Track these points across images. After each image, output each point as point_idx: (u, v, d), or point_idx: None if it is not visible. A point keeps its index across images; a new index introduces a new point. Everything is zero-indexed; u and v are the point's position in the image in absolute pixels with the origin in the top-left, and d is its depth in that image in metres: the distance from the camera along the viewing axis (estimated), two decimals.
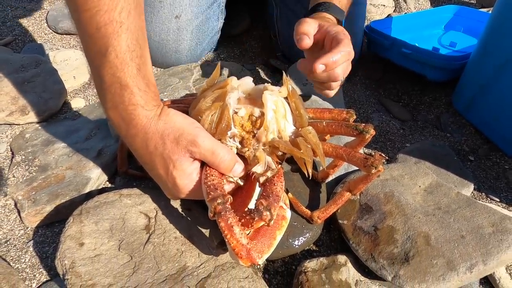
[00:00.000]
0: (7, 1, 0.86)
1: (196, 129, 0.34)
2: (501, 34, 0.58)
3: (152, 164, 0.36)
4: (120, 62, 0.33)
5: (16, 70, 0.62)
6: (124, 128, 0.35)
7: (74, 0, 0.32)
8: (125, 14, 0.33)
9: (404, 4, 1.10)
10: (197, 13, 0.67)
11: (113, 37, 0.32)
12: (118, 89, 0.34)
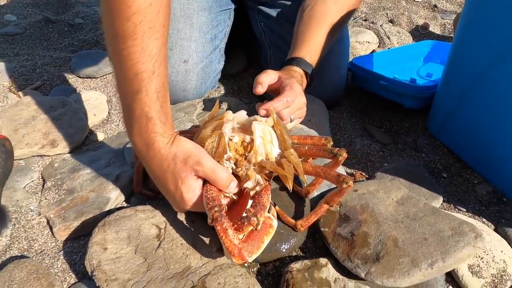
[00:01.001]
0: (36, 51, 0.99)
1: (200, 152, 0.43)
2: (460, 64, 0.67)
3: (165, 181, 0.45)
4: (149, 100, 0.43)
5: (47, 110, 0.73)
6: (145, 151, 0.45)
7: (120, 50, 0.43)
8: (158, 64, 0.43)
9: (388, 40, 1.21)
10: (201, 58, 0.78)
11: (146, 81, 0.43)
12: (144, 120, 0.43)
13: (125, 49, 0.43)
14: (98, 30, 1.11)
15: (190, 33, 0.76)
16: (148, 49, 0.43)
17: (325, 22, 0.71)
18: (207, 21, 0.79)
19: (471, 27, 0.63)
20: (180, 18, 0.76)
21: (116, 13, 0.43)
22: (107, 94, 0.85)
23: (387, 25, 1.28)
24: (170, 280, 0.43)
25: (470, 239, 0.49)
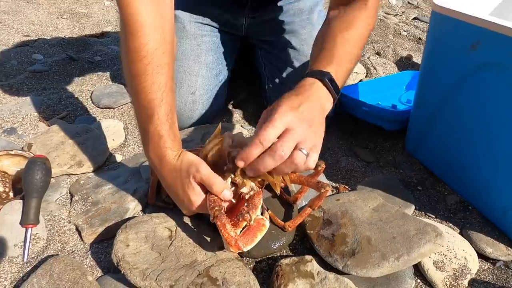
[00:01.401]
0: (61, 85, 1.12)
1: (200, 162, 0.54)
2: (426, 91, 0.78)
3: (175, 187, 0.55)
4: (160, 122, 0.54)
5: (73, 136, 0.85)
6: (158, 163, 0.55)
7: (135, 85, 0.55)
8: (165, 94, 0.55)
9: (374, 70, 1.34)
10: (207, 90, 0.90)
11: (157, 107, 0.54)
12: (157, 138, 0.55)
13: (139, 84, 0.55)
14: (114, 67, 1.25)
15: (198, 69, 0.89)
16: (156, 82, 0.55)
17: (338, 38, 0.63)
18: (214, 59, 0.92)
19: (432, 60, 0.75)
20: (190, 56, 0.89)
21: (131, 57, 0.55)
22: (124, 122, 0.97)
23: (374, 57, 1.41)
24: (180, 270, 0.52)
25: (432, 237, 0.58)
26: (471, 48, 0.61)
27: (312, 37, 0.95)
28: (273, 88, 0.99)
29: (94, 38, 1.49)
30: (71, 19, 1.69)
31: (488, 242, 0.65)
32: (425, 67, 0.76)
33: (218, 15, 0.96)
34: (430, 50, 0.73)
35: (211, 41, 0.94)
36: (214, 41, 0.95)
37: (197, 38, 0.93)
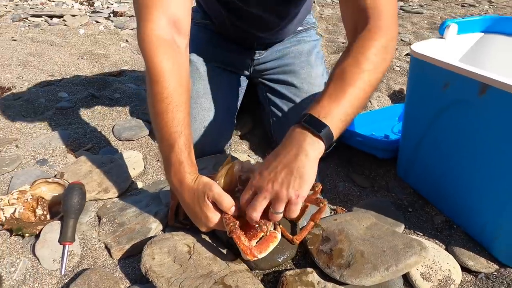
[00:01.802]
0: (85, 120, 1.24)
1: (213, 183, 0.63)
2: (410, 123, 0.89)
3: (193, 206, 0.65)
4: (180, 151, 0.65)
5: (99, 165, 0.95)
6: (179, 186, 0.65)
7: (159, 121, 0.66)
8: (183, 127, 0.66)
9: (369, 103, 1.45)
10: (217, 123, 1.01)
11: (178, 138, 0.65)
12: (177, 164, 0.65)
13: (162, 120, 0.67)
14: (132, 103, 1.38)
15: (209, 105, 1.01)
16: (176, 118, 0.67)
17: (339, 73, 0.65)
18: (223, 96, 1.04)
19: (414, 97, 0.86)
20: (202, 94, 1.01)
21: (155, 99, 0.68)
22: (142, 153, 1.08)
23: None
24: (199, 279, 0.61)
25: (417, 250, 0.66)
26: (443, 88, 0.72)
27: (310, 76, 1.08)
28: (277, 122, 1.10)
29: (112, 77, 1.64)
30: (91, 59, 1.85)
31: (470, 256, 0.73)
32: (408, 102, 0.87)
33: (227, 58, 1.09)
34: (411, 88, 0.85)
35: (221, 80, 1.07)
36: (223, 80, 1.07)
37: (208, 78, 1.05)
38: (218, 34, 1.09)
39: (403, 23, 2.71)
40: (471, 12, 3.13)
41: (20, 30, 2.21)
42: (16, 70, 1.65)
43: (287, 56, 1.10)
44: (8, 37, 2.08)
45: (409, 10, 3.05)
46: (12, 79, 1.54)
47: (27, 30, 2.22)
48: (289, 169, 0.58)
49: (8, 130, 1.16)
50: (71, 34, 2.18)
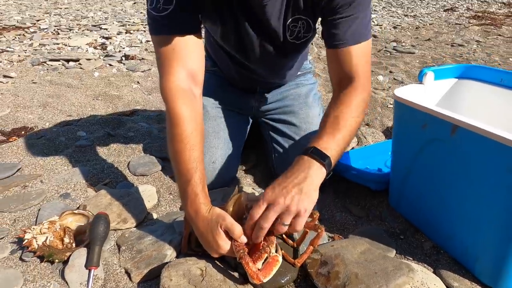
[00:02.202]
0: (102, 157, 1.35)
1: (226, 214, 0.73)
2: (398, 155, 0.99)
3: (206, 234, 0.74)
4: (196, 184, 0.75)
5: (117, 198, 1.05)
6: (194, 216, 0.75)
7: (178, 159, 0.78)
8: (198, 163, 0.77)
9: (365, 139, 1.56)
10: (225, 160, 1.12)
11: (193, 174, 0.75)
12: (193, 196, 0.75)
13: (180, 157, 0.78)
14: (145, 141, 1.49)
15: (217, 144, 1.12)
16: (192, 156, 0.78)
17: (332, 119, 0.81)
18: (230, 135, 1.16)
19: (399, 134, 0.97)
20: (211, 134, 1.13)
21: (174, 139, 0.79)
22: (156, 187, 1.17)
23: (364, 128, 1.65)
24: None
25: (405, 271, 0.74)
26: (422, 127, 0.83)
27: (308, 116, 1.20)
28: (278, 157, 1.20)
29: (126, 116, 1.77)
30: (105, 100, 1.99)
31: (455, 278, 0.81)
32: (395, 139, 0.98)
33: (234, 101, 1.22)
34: (396, 127, 0.96)
35: (228, 121, 1.19)
36: (230, 121, 1.19)
37: (217, 119, 1.17)
38: (225, 80, 1.23)
39: (395, 63, 2.88)
40: (460, 51, 3.32)
41: (39, 73, 2.38)
42: (37, 111, 1.79)
43: (287, 98, 1.22)
44: (28, 80, 2.24)
45: (401, 50, 3.25)
46: (34, 120, 1.67)
47: (45, 73, 2.39)
48: (299, 188, 0.70)
49: (33, 167, 1.27)
50: (86, 76, 2.34)
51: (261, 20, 0.91)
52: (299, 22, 0.93)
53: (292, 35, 0.96)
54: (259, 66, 1.06)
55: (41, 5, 4.93)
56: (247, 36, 0.96)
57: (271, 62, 1.06)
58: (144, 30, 3.74)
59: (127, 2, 5.46)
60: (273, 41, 0.97)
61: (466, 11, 6.03)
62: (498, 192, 0.69)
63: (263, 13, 0.89)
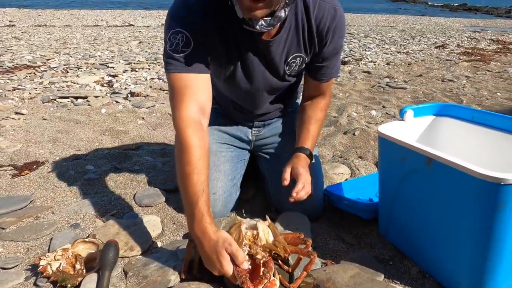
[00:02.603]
0: (109, 190, 1.43)
1: (232, 240, 0.80)
2: (384, 185, 1.07)
3: (210, 254, 0.81)
4: (202, 206, 0.83)
5: (124, 228, 1.12)
6: (201, 236, 0.82)
7: (186, 183, 0.87)
8: (204, 186, 0.86)
9: (357, 171, 1.65)
10: (224, 191, 1.21)
11: (200, 196, 0.84)
12: (200, 216, 0.83)
13: (188, 181, 0.86)
14: (150, 174, 1.58)
15: (217, 176, 1.21)
16: (200, 180, 0.86)
17: (314, 121, 1.19)
18: (229, 168, 1.25)
19: (383, 166, 1.05)
20: (212, 167, 1.21)
21: (183, 164, 0.88)
22: (160, 217, 1.25)
23: (357, 160, 1.74)
24: None
25: None
26: (403, 160, 0.92)
27: None
28: (273, 186, 1.29)
29: (131, 150, 1.87)
30: (112, 135, 2.10)
31: None
32: (380, 171, 1.07)
33: (233, 136, 1.32)
34: (381, 160, 1.05)
35: (228, 155, 1.28)
36: (229, 155, 1.29)
37: (217, 153, 1.27)
38: (225, 117, 1.34)
39: (388, 98, 3.02)
40: (450, 86, 3.48)
41: (49, 110, 2.51)
42: (47, 146, 1.89)
43: (280, 134, 1.33)
44: (39, 116, 2.37)
45: (394, 86, 3.40)
46: (45, 154, 1.77)
47: (55, 110, 2.52)
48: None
49: (44, 199, 1.35)
50: (94, 113, 2.47)
51: (266, 57, 1.06)
52: (297, 58, 1.10)
53: (290, 69, 1.12)
54: (259, 96, 1.19)
55: (51, 45, 5.19)
56: (253, 72, 1.09)
57: (270, 91, 1.19)
58: (148, 68, 3.93)
59: (133, 42, 5.73)
60: (274, 74, 1.12)
61: (457, 48, 6.31)
62: (469, 218, 0.77)
63: (269, 52, 1.04)
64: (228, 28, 0.99)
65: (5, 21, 8.29)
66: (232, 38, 1.01)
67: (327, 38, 1.04)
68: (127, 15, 11.22)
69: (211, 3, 0.97)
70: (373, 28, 9.40)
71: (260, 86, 1.15)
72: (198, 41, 0.95)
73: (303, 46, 1.06)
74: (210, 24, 0.97)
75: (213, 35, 0.99)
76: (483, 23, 13.90)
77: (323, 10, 1.01)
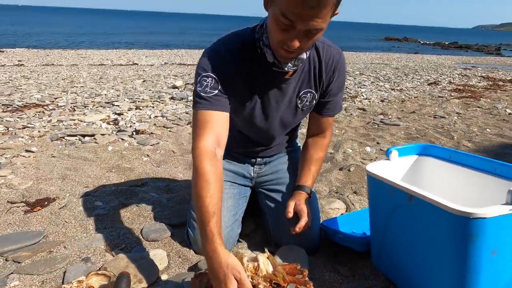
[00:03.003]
0: (117, 224, 1.51)
1: (241, 268, 0.88)
2: (374, 218, 1.16)
3: (217, 273, 0.88)
4: (213, 226, 0.93)
5: (133, 261, 1.20)
6: (211, 254, 0.90)
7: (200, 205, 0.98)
8: (217, 209, 0.96)
9: (352, 206, 1.74)
10: (227, 226, 1.29)
11: (212, 217, 0.94)
12: (211, 236, 0.91)
13: (202, 202, 0.97)
14: (155, 209, 1.66)
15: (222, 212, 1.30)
16: (212, 202, 0.97)
17: (314, 160, 1.32)
18: (232, 204, 1.34)
19: (373, 202, 1.15)
20: None
21: (199, 188, 0.99)
22: (167, 251, 1.33)
23: (352, 195, 1.84)
24: None
25: None
26: (389, 196, 1.02)
27: None
28: (273, 222, 1.37)
29: (137, 187, 1.96)
30: (118, 172, 2.20)
31: None
32: (371, 206, 1.17)
33: (236, 173, 1.42)
34: (371, 196, 1.15)
35: (230, 192, 1.38)
36: (232, 192, 1.38)
37: None
38: (229, 156, 1.44)
39: (382, 134, 3.16)
40: (441, 123, 3.63)
41: (58, 148, 2.62)
42: (57, 182, 1.99)
43: (280, 171, 1.43)
44: (48, 154, 2.48)
45: (388, 123, 3.55)
46: (55, 191, 1.86)
47: (63, 147, 2.63)
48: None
49: (56, 234, 1.43)
50: (101, 150, 2.58)
51: (283, 93, 1.22)
52: (308, 94, 1.25)
53: (302, 103, 1.27)
54: (268, 132, 1.33)
55: (59, 84, 5.41)
56: (270, 108, 1.24)
57: (281, 126, 1.33)
58: (152, 106, 4.10)
59: (137, 81, 5.98)
60: (288, 108, 1.27)
61: (448, 85, 6.57)
62: (446, 250, 0.86)
63: (286, 88, 1.21)
64: (253, 69, 1.15)
65: (14, 60, 8.64)
66: (256, 79, 1.17)
67: (334, 75, 1.23)
68: (132, 54, 11.68)
69: (240, 50, 1.13)
70: (368, 66, 9.77)
71: (274, 121, 1.29)
72: (225, 85, 1.10)
73: (313, 83, 1.23)
74: (237, 69, 1.13)
75: (239, 78, 1.14)
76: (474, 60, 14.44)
77: (330, 52, 1.21)
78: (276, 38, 0.98)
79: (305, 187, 1.27)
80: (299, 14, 0.88)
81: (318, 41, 1.18)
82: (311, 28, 0.91)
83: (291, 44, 0.95)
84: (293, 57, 1.05)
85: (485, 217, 0.78)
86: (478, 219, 0.78)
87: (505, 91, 5.92)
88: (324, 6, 0.86)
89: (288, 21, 0.90)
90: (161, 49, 14.42)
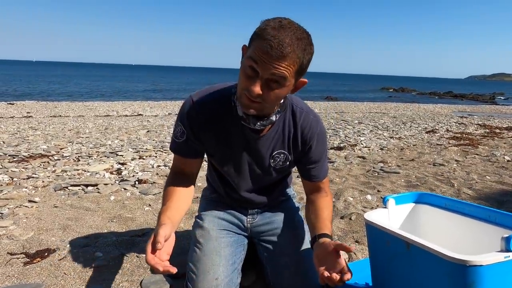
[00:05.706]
0: (116, 276, 1.50)
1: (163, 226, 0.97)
2: (375, 266, 1.15)
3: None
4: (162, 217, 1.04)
5: None
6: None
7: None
8: (167, 206, 1.00)
9: (354, 255, 1.72)
10: (226, 276, 1.28)
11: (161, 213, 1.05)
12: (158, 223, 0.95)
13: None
14: None
15: (219, 261, 1.29)
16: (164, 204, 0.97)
17: (326, 209, 1.26)
18: (230, 253, 1.34)
19: (372, 249, 1.16)
20: (213, 252, 1.31)
21: (163, 197, 1.01)
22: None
23: (353, 245, 1.82)
24: None
25: None
26: (387, 244, 1.03)
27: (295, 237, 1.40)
28: (273, 276, 1.36)
29: (138, 237, 1.96)
30: (119, 222, 2.20)
31: None
32: (370, 255, 1.17)
33: (230, 222, 1.43)
34: (370, 244, 1.16)
35: (227, 240, 1.38)
36: (229, 240, 1.39)
37: (217, 239, 1.37)
38: (223, 205, 1.47)
39: (383, 182, 3.18)
40: (441, 170, 3.66)
41: (61, 198, 2.64)
42: (58, 233, 1.99)
43: (274, 222, 1.44)
44: (51, 204, 2.50)
45: (388, 171, 3.58)
46: (56, 242, 1.86)
47: (66, 198, 2.65)
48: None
49: (55, 286, 1.42)
50: (103, 200, 2.60)
51: (254, 150, 1.26)
52: (281, 154, 1.29)
53: (274, 162, 1.30)
54: (248, 185, 1.36)
55: (65, 135, 5.55)
56: (242, 162, 1.28)
57: (258, 181, 1.35)
58: (155, 156, 4.17)
59: (141, 131, 6.13)
60: (260, 165, 1.30)
61: (446, 133, 6.69)
62: None
63: (257, 146, 1.25)
64: (227, 122, 1.22)
65: (23, 112, 8.92)
66: (228, 132, 1.24)
67: (311, 142, 1.26)
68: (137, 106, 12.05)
69: (215, 102, 1.21)
70: (366, 115, 10.02)
71: (246, 176, 1.33)
72: (192, 134, 1.21)
73: (287, 145, 1.27)
74: (209, 120, 1.22)
75: (207, 129, 1.23)
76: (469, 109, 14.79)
77: (308, 121, 1.24)
78: (241, 85, 1.05)
79: (326, 234, 1.13)
80: (263, 59, 0.96)
81: (297, 107, 1.24)
82: (272, 77, 0.98)
83: (252, 89, 1.00)
84: (255, 107, 1.04)
85: (481, 264, 0.79)
86: (475, 267, 0.79)
87: (502, 138, 6.01)
88: (286, 58, 0.95)
89: (253, 64, 0.98)
90: (165, 101, 14.89)
